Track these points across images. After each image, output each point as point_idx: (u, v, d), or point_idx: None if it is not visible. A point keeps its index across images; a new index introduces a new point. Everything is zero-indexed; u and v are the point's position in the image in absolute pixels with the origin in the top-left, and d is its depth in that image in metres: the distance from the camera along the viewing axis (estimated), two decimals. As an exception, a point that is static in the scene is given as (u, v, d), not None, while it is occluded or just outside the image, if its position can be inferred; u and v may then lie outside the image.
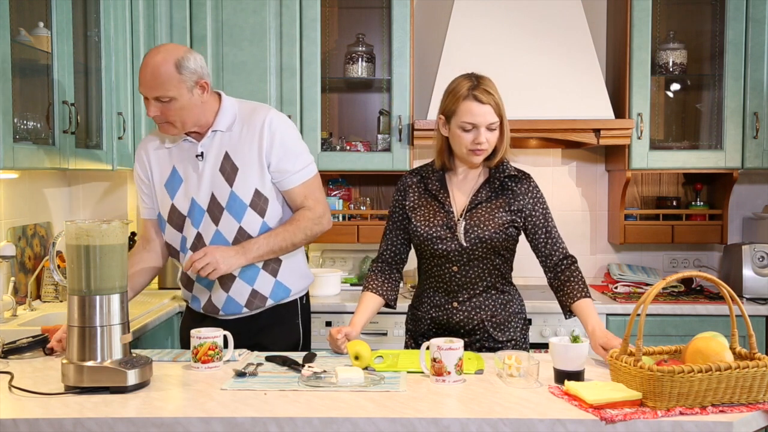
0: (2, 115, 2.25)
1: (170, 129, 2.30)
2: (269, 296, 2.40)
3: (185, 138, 2.37)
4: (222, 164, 2.33)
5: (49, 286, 3.08)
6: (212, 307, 2.41)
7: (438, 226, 2.29)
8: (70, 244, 1.86)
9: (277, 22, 3.49)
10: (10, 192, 2.94)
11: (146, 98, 2.25)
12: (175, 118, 2.26)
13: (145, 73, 2.23)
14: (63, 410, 1.70)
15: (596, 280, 3.89)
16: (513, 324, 2.35)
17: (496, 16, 3.56)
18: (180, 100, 2.23)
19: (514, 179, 2.31)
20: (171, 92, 2.21)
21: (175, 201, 2.37)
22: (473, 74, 2.27)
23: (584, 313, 2.21)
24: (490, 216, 2.27)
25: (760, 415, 1.70)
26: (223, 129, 2.34)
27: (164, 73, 2.20)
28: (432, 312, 2.35)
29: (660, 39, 3.65)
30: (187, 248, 2.38)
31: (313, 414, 1.67)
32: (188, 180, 2.36)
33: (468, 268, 2.28)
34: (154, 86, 2.21)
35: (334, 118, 3.87)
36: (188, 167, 2.36)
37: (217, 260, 2.19)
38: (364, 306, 2.35)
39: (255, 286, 2.38)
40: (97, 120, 3.01)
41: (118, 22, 3.08)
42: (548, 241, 2.30)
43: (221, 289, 2.38)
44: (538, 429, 1.64)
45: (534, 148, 3.83)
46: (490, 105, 2.20)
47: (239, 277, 2.36)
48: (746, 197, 3.86)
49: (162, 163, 2.40)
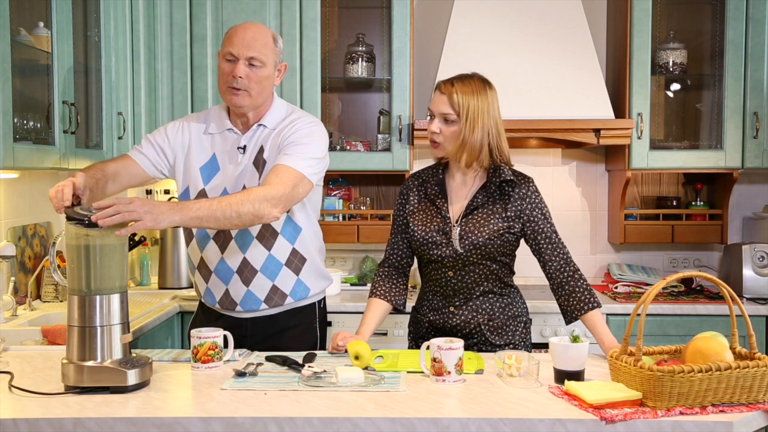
0: (2, 115, 2.25)
1: (243, 98, 2.29)
2: (290, 294, 2.40)
3: (229, 128, 2.38)
4: (256, 158, 2.34)
5: (49, 286, 3.08)
6: (229, 302, 2.39)
7: (434, 231, 2.29)
8: (70, 244, 1.86)
9: (277, 22, 3.49)
10: (10, 192, 2.94)
11: (231, 60, 2.27)
12: (255, 86, 2.29)
13: (244, 33, 2.28)
14: (63, 410, 1.70)
15: (596, 280, 3.89)
16: (512, 327, 2.33)
17: (496, 16, 3.56)
18: (266, 69, 2.30)
19: (511, 184, 2.28)
20: (265, 57, 2.29)
21: (207, 187, 2.36)
22: (468, 74, 2.28)
23: (596, 329, 2.20)
24: (486, 222, 2.25)
25: (760, 415, 1.70)
26: (269, 126, 2.36)
27: (265, 37, 2.30)
28: (430, 315, 2.36)
29: (660, 39, 3.65)
30: (209, 236, 2.35)
31: (313, 414, 1.67)
32: (225, 170, 2.36)
33: (464, 273, 2.28)
34: (253, 46, 2.27)
35: (334, 118, 3.87)
36: (228, 158, 2.37)
37: (141, 212, 1.89)
38: (371, 315, 2.33)
39: (276, 282, 2.37)
40: (97, 120, 3.01)
41: (118, 22, 3.08)
42: (549, 246, 2.27)
43: (241, 282, 2.36)
44: (538, 429, 1.64)
45: (534, 148, 3.83)
46: (446, 95, 2.22)
47: (261, 271, 2.35)
48: (746, 197, 3.86)
49: (203, 146, 2.40)
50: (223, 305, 2.41)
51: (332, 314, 3.30)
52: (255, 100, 2.31)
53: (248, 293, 2.37)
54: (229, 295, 2.38)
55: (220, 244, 2.36)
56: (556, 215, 3.88)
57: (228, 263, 2.36)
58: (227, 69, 2.29)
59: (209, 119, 2.42)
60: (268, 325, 2.40)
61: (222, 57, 2.32)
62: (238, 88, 2.28)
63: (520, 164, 3.86)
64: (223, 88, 2.32)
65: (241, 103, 2.31)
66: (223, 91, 2.33)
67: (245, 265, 2.35)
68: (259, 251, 2.35)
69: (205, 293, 2.44)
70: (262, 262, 2.35)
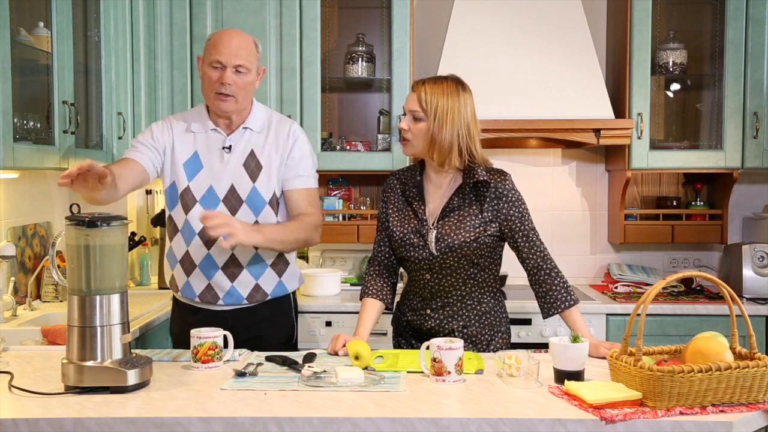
0: (2, 115, 2.25)
1: (230, 104, 2.38)
2: (270, 293, 2.49)
3: (213, 128, 2.45)
4: (246, 160, 2.43)
5: (49, 286, 3.08)
6: (212, 295, 2.44)
7: (411, 233, 2.30)
8: (70, 244, 1.86)
9: (277, 22, 3.49)
10: (10, 192, 2.94)
11: (217, 67, 2.34)
12: (241, 92, 2.38)
13: (230, 41, 2.36)
14: (63, 410, 1.70)
15: (596, 280, 3.89)
16: (486, 337, 2.32)
17: (496, 16, 3.56)
18: (251, 75, 2.40)
19: (485, 185, 2.26)
20: (250, 64, 2.38)
21: (191, 184, 2.43)
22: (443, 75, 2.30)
23: (575, 326, 2.22)
24: (461, 224, 2.25)
25: (760, 415, 1.70)
26: (254, 129, 2.46)
27: (249, 44, 2.40)
28: (408, 315, 2.38)
29: (660, 39, 3.65)
30: (194, 231, 2.41)
31: (313, 414, 1.67)
32: (210, 168, 2.43)
33: (441, 276, 2.28)
34: (240, 54, 2.36)
35: (334, 118, 3.87)
36: (212, 157, 2.44)
37: (237, 228, 2.20)
38: (367, 315, 2.35)
39: (259, 281, 2.46)
40: (97, 120, 3.01)
41: (118, 22, 3.08)
42: (526, 244, 2.27)
43: (226, 277, 2.42)
44: (538, 429, 1.64)
45: (534, 148, 3.83)
46: (416, 94, 2.25)
47: (246, 268, 2.43)
48: (746, 197, 3.86)
49: (185, 144, 2.46)
50: (203, 299, 2.46)
51: (332, 314, 3.31)
52: (240, 104, 2.41)
53: (233, 289, 2.44)
54: (212, 290, 2.44)
55: (206, 240, 2.41)
56: (556, 215, 3.92)
57: (214, 258, 2.42)
58: (215, 76, 2.36)
59: (190, 119, 2.50)
60: (248, 316, 2.47)
61: (207, 64, 2.38)
62: (227, 94, 2.36)
63: (520, 164, 3.88)
64: (210, 95, 2.39)
65: (229, 109, 2.40)
66: (209, 97, 2.40)
67: (232, 261, 2.42)
68: (247, 250, 2.42)
69: (184, 287, 2.48)
70: (248, 260, 2.43)
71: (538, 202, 3.83)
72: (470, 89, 2.29)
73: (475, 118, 2.28)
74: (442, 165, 2.27)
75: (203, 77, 2.41)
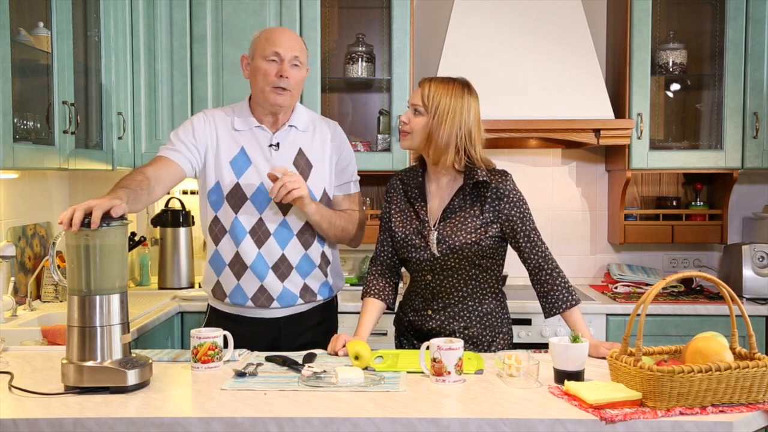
0: (2, 115, 2.25)
1: (286, 98, 2.36)
2: (318, 292, 2.48)
3: (257, 125, 2.42)
4: (296, 158, 2.42)
5: (49, 286, 3.08)
6: (265, 297, 2.40)
7: (413, 234, 2.30)
8: (70, 244, 1.86)
9: (277, 22, 3.48)
10: (10, 192, 2.94)
11: (275, 60, 2.32)
12: (297, 87, 2.38)
13: (285, 34, 2.37)
14: (63, 410, 1.70)
15: (596, 280, 3.89)
16: (488, 338, 2.32)
17: (496, 16, 3.56)
18: (303, 71, 2.40)
19: (485, 185, 2.26)
20: (304, 58, 2.39)
21: (241, 181, 2.39)
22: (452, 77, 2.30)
23: (576, 326, 2.22)
24: (462, 225, 2.25)
25: (760, 415, 1.70)
26: (299, 127, 2.44)
27: (301, 41, 2.41)
28: (410, 315, 2.38)
29: (660, 39, 3.65)
30: (245, 230, 2.36)
31: (313, 414, 1.67)
32: (258, 166, 2.39)
33: (442, 277, 2.29)
34: (297, 47, 2.37)
35: (334, 118, 3.84)
36: (259, 154, 2.40)
37: (304, 185, 2.26)
38: (368, 315, 2.34)
39: (306, 281, 2.44)
40: (97, 120, 3.02)
41: (118, 22, 3.08)
42: (528, 244, 2.27)
43: (276, 277, 2.39)
44: (538, 429, 1.64)
45: (534, 148, 3.83)
46: (421, 89, 2.27)
47: (296, 269, 2.41)
48: (746, 197, 3.86)
49: (230, 141, 2.41)
50: (257, 302, 2.41)
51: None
52: (294, 100, 2.41)
53: (284, 290, 2.41)
54: (265, 291, 2.40)
55: (256, 239, 2.38)
56: (556, 215, 3.92)
57: (265, 258, 2.38)
58: (272, 70, 2.32)
59: (232, 114, 2.44)
60: (299, 323, 2.45)
61: (262, 58, 2.33)
62: (284, 87, 2.33)
63: (520, 164, 3.88)
64: (266, 89, 2.34)
65: (285, 103, 2.37)
66: (265, 91, 2.34)
67: (282, 262, 2.39)
68: (297, 249, 2.41)
69: (234, 292, 2.41)
70: (298, 260, 2.41)
71: (538, 202, 3.83)
72: (477, 94, 2.28)
73: (479, 123, 2.27)
74: (436, 163, 2.28)
75: (256, 72, 2.34)
